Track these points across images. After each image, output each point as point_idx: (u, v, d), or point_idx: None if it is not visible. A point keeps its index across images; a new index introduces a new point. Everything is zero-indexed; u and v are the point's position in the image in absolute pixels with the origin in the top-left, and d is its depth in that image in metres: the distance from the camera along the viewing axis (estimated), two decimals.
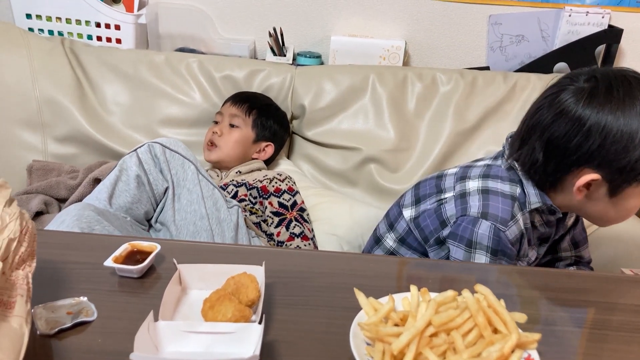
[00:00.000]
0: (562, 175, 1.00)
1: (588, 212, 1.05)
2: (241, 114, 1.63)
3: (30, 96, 1.68)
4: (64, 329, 0.65)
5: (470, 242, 1.01)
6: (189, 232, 1.17)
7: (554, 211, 1.05)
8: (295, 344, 0.66)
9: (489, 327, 0.63)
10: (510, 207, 1.02)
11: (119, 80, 1.73)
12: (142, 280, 0.77)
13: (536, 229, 1.08)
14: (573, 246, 1.23)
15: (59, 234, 0.94)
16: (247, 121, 1.63)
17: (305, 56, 1.87)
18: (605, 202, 1.00)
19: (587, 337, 0.73)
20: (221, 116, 1.64)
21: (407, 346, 0.61)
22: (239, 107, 1.63)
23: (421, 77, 1.74)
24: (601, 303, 0.82)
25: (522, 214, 1.03)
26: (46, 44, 1.73)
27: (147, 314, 0.63)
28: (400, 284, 0.80)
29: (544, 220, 1.07)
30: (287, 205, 1.49)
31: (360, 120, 1.72)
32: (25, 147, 1.69)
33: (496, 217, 1.00)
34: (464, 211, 1.04)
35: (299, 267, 0.82)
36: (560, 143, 0.97)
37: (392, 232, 1.19)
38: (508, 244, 1.00)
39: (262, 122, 1.64)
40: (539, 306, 0.80)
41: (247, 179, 1.52)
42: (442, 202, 1.10)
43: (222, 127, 1.61)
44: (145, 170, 1.16)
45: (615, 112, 0.93)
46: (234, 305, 0.66)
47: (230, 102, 1.65)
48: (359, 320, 0.66)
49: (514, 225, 1.01)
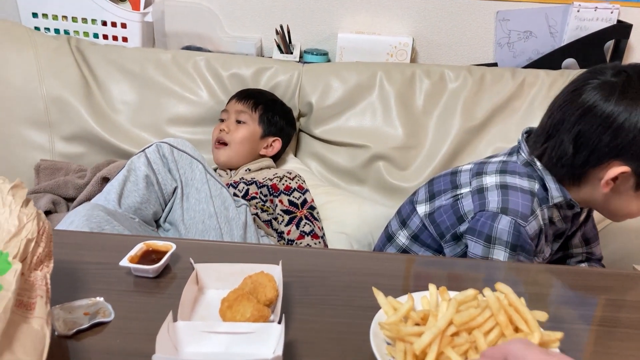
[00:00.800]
0: (589, 169, 1.00)
1: (609, 207, 1.04)
2: (247, 109, 1.62)
3: (37, 95, 1.67)
4: (82, 329, 0.65)
5: (489, 238, 1.00)
6: (197, 231, 1.16)
7: (572, 206, 1.04)
8: (314, 344, 0.66)
9: (511, 326, 0.63)
10: (530, 202, 1.01)
11: (126, 79, 1.73)
12: (158, 280, 0.76)
13: (553, 225, 1.07)
14: (584, 242, 1.22)
15: (71, 233, 0.93)
16: (253, 117, 1.62)
17: (312, 53, 1.86)
18: (629, 196, 1.00)
19: (599, 334, 0.73)
20: (227, 114, 1.64)
21: (429, 346, 0.60)
22: (245, 103, 1.63)
23: (429, 74, 1.73)
24: (620, 301, 0.82)
25: (541, 209, 1.03)
26: (52, 43, 1.72)
27: (164, 314, 0.63)
28: (417, 283, 0.79)
29: (561, 215, 1.07)
30: (298, 203, 1.49)
31: (368, 117, 1.71)
32: (32, 147, 1.68)
33: (517, 212, 1.00)
34: (482, 206, 1.03)
35: (315, 266, 0.81)
36: (591, 137, 0.97)
37: (404, 229, 1.18)
38: (528, 239, 0.99)
39: (269, 117, 1.64)
40: (559, 304, 0.79)
41: (256, 177, 1.52)
42: (458, 197, 1.09)
43: (229, 124, 1.61)
44: (154, 170, 1.16)
45: None
46: (252, 304, 0.66)
47: (235, 99, 1.65)
48: (378, 320, 0.66)
49: (533, 220, 1.00)
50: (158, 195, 1.17)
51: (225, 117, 1.64)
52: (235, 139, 1.59)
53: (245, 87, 1.71)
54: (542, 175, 1.04)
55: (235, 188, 1.47)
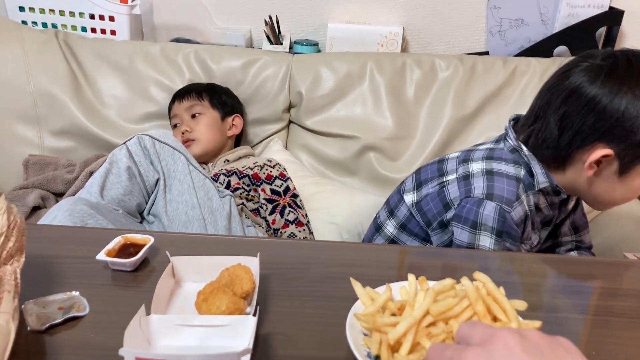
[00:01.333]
0: (573, 151, 0.99)
1: (593, 192, 1.03)
2: (195, 101, 1.62)
3: (25, 90, 1.66)
4: (55, 324, 0.64)
5: (475, 224, 1.00)
6: (180, 222, 1.16)
7: (558, 192, 1.04)
8: (292, 336, 0.65)
9: (489, 316, 0.62)
10: (515, 188, 1.01)
11: (115, 73, 1.72)
12: (136, 273, 0.75)
13: (540, 212, 1.06)
14: (573, 231, 1.22)
15: (51, 228, 0.92)
16: (204, 105, 1.63)
17: (302, 44, 1.85)
18: (612, 181, 0.99)
19: (589, 323, 0.72)
20: (178, 117, 1.63)
21: (404, 336, 0.59)
22: (189, 98, 1.63)
23: (420, 64, 1.71)
24: (604, 289, 0.81)
25: (527, 195, 1.02)
26: (40, 37, 1.71)
27: (140, 307, 0.62)
28: (399, 273, 0.79)
29: (548, 202, 1.06)
30: (280, 191, 1.49)
31: (359, 108, 1.70)
32: (21, 142, 1.67)
33: (501, 197, 0.99)
34: (467, 193, 1.03)
35: (296, 258, 0.81)
36: (576, 118, 0.97)
37: (392, 219, 1.18)
38: (513, 225, 0.99)
39: (218, 99, 1.64)
40: (541, 293, 0.78)
41: (236, 166, 1.51)
42: (444, 184, 1.09)
43: (187, 122, 1.60)
44: (136, 162, 1.15)
45: (634, 90, 0.92)
46: (228, 297, 0.65)
47: (177, 101, 1.64)
48: (355, 311, 0.65)
49: (519, 206, 1.00)
50: (141, 187, 1.16)
51: (178, 121, 1.64)
52: (201, 131, 1.59)
53: (234, 79, 1.70)
54: (529, 161, 1.03)
55: (216, 181, 1.46)
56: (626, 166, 0.97)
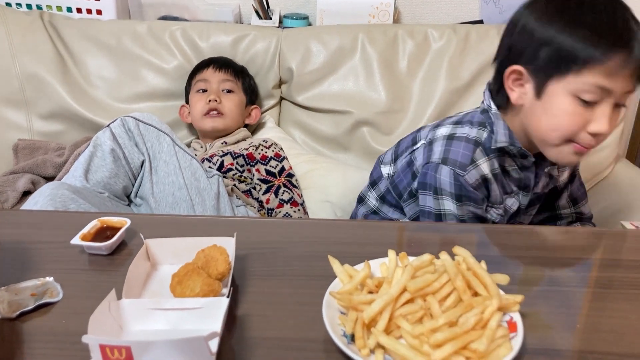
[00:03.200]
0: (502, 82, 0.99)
1: (527, 126, 0.99)
2: (232, 78, 1.59)
3: (11, 73, 1.64)
4: (27, 311, 0.63)
5: (436, 189, 1.00)
6: (168, 204, 1.14)
7: (524, 155, 1.01)
8: (269, 317, 0.64)
9: (469, 291, 0.60)
10: (471, 152, 0.99)
11: (102, 53, 1.68)
12: (113, 257, 0.74)
13: (510, 176, 1.04)
14: (572, 203, 1.19)
15: (28, 213, 0.91)
16: (238, 85, 1.60)
17: (292, 18, 1.81)
18: (535, 107, 0.95)
19: (587, 295, 0.70)
20: (207, 83, 1.58)
21: (380, 314, 0.58)
22: (226, 72, 1.59)
23: (412, 35, 1.67)
24: (596, 260, 0.79)
25: (488, 159, 1.01)
26: (25, 19, 1.68)
27: (117, 292, 0.61)
28: (381, 250, 0.77)
29: (517, 165, 1.04)
30: (275, 172, 1.47)
31: (351, 82, 1.66)
32: (10, 126, 1.65)
33: (455, 162, 0.99)
34: (427, 159, 1.03)
35: (275, 237, 0.79)
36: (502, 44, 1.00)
37: (373, 190, 1.18)
38: (470, 188, 0.99)
39: (248, 84, 1.63)
40: (527, 266, 0.77)
41: (232, 148, 1.49)
42: (413, 152, 1.09)
43: (218, 93, 1.56)
44: (120, 144, 1.14)
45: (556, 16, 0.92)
46: (202, 279, 0.63)
47: (213, 68, 1.60)
48: (333, 289, 0.64)
49: (473, 169, 0.99)
50: (126, 170, 1.14)
51: (206, 86, 1.58)
52: (230, 107, 1.56)
53: (223, 55, 1.67)
54: (494, 120, 1.01)
55: (210, 162, 1.44)
56: (539, 85, 0.93)
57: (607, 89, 0.88)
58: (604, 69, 0.87)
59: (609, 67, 0.86)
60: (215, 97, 1.54)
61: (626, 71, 0.87)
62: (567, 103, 0.90)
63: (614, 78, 0.87)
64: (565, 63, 0.89)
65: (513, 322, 0.59)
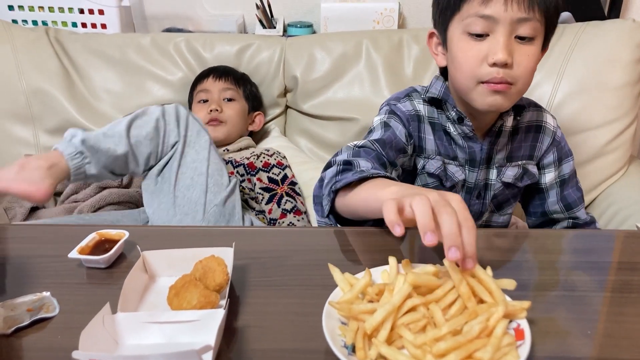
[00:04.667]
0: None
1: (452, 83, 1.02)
2: (232, 86, 1.59)
3: (18, 89, 1.64)
4: (22, 327, 0.62)
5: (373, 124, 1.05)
6: (184, 185, 1.18)
7: (461, 118, 1.02)
8: (268, 328, 0.62)
9: (473, 298, 0.58)
10: (408, 92, 1.08)
11: (107, 66, 1.69)
12: (111, 270, 0.73)
13: (455, 142, 1.05)
14: (565, 208, 1.15)
15: (26, 227, 0.90)
16: (239, 92, 1.60)
17: (296, 26, 1.80)
18: (449, 61, 0.99)
19: (590, 301, 0.67)
20: (208, 93, 1.58)
21: (382, 324, 0.56)
22: (226, 80, 1.59)
23: (417, 39, 1.66)
24: (610, 263, 0.76)
25: (424, 102, 1.05)
26: (30, 35, 1.69)
27: (113, 305, 0.60)
28: (383, 257, 0.75)
29: (459, 132, 1.04)
30: (277, 179, 1.45)
31: (356, 88, 1.65)
32: (17, 141, 1.66)
33: (390, 98, 1.08)
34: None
35: (274, 246, 0.77)
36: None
37: None
38: (401, 109, 1.04)
39: (250, 90, 1.63)
40: (536, 271, 0.74)
41: (234, 156, 1.48)
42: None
43: (218, 102, 1.56)
44: (165, 119, 1.17)
45: None
46: (199, 291, 0.62)
47: (213, 77, 1.60)
48: (334, 298, 0.62)
49: (406, 101, 1.05)
50: (158, 142, 1.17)
51: (207, 97, 1.58)
52: (231, 116, 1.56)
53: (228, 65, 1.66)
54: (433, 80, 1.06)
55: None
56: (444, 37, 0.98)
57: (488, 16, 0.89)
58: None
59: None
60: (216, 106, 1.54)
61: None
62: (461, 42, 0.94)
63: (489, 4, 0.89)
64: (447, 5, 0.94)
65: (520, 329, 0.57)
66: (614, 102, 1.51)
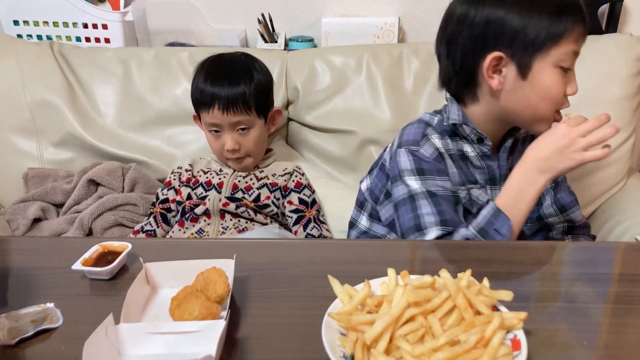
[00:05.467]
0: (473, 73, 1.01)
1: (512, 109, 1.02)
2: (244, 114, 1.36)
3: (22, 103, 1.66)
4: (26, 337, 0.63)
5: (400, 173, 1.03)
6: None
7: (481, 138, 1.04)
8: (268, 339, 0.63)
9: (470, 309, 0.59)
10: (422, 129, 1.06)
11: (110, 81, 1.70)
12: (114, 281, 0.74)
13: (472, 164, 1.06)
14: (559, 210, 1.17)
15: (29, 239, 0.92)
16: (253, 113, 1.37)
17: (297, 40, 1.82)
18: (521, 88, 0.99)
19: (588, 312, 0.68)
20: (218, 126, 1.38)
21: (381, 335, 0.57)
22: (235, 110, 1.35)
23: (417, 53, 1.67)
24: (609, 275, 0.77)
25: (441, 136, 1.05)
26: (35, 49, 1.71)
27: (116, 316, 0.60)
28: (382, 269, 0.76)
29: (477, 152, 1.06)
30: (308, 201, 1.41)
31: (357, 102, 1.66)
32: (21, 155, 1.67)
33: (408, 141, 1.06)
34: (389, 153, 1.07)
35: (275, 258, 0.78)
36: (458, 40, 1.01)
37: (363, 212, 1.21)
38: (426, 159, 1.02)
39: (264, 100, 1.42)
40: (535, 282, 0.75)
41: (267, 174, 1.45)
42: (383, 155, 1.13)
43: (234, 137, 1.37)
44: None
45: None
46: (200, 302, 0.63)
47: (218, 108, 1.35)
48: (333, 310, 0.63)
49: (426, 144, 1.04)
50: None
51: (218, 128, 1.39)
52: (252, 147, 1.40)
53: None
54: (448, 105, 1.06)
55: (245, 193, 1.40)
56: (524, 66, 0.98)
57: (577, 52, 0.98)
58: (574, 35, 0.96)
59: (577, 32, 0.97)
60: (232, 145, 1.36)
61: (584, 33, 0.99)
62: (553, 74, 0.97)
63: (579, 41, 0.98)
64: (546, 40, 0.96)
65: (517, 340, 0.58)
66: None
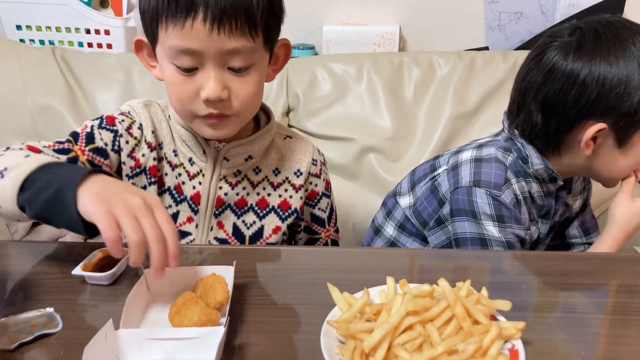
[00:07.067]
0: (565, 134, 0.97)
1: (596, 169, 1.00)
2: (244, 41, 0.80)
3: (24, 107, 1.67)
4: (25, 342, 0.63)
5: (473, 213, 0.98)
6: None
7: (555, 178, 1.01)
8: (267, 346, 0.63)
9: (469, 318, 0.59)
10: (504, 172, 0.99)
11: (111, 86, 1.71)
12: (114, 287, 0.74)
13: (534, 202, 1.03)
14: (583, 233, 1.18)
15: (30, 244, 0.91)
16: (257, 43, 0.82)
17: (299, 48, 1.83)
18: (613, 154, 0.96)
19: (587, 322, 0.68)
20: (194, 56, 0.79)
21: (380, 343, 0.57)
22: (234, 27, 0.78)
23: (417, 62, 1.68)
24: (608, 285, 0.78)
25: (518, 181, 1.00)
26: (37, 54, 1.71)
27: (115, 322, 0.61)
28: (382, 277, 0.76)
29: (543, 191, 1.03)
30: (324, 218, 1.05)
31: (357, 109, 1.67)
32: None
33: (489, 183, 0.97)
34: (456, 183, 1.01)
35: (275, 265, 0.79)
36: (557, 100, 0.94)
37: (390, 220, 1.16)
38: (510, 206, 0.97)
39: (276, 18, 0.86)
40: (535, 292, 0.75)
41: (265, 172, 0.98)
42: (435, 178, 1.07)
43: (220, 78, 0.81)
44: None
45: (607, 58, 0.90)
46: (200, 308, 0.63)
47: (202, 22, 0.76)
48: (332, 318, 0.63)
49: (507, 190, 0.98)
50: None
51: (193, 63, 0.80)
52: (245, 100, 0.85)
53: None
54: (522, 147, 1.00)
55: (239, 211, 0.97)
56: (624, 136, 0.94)
57: None
58: None
59: None
60: (217, 90, 0.81)
61: None
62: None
63: None
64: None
65: (515, 349, 0.58)
66: None
